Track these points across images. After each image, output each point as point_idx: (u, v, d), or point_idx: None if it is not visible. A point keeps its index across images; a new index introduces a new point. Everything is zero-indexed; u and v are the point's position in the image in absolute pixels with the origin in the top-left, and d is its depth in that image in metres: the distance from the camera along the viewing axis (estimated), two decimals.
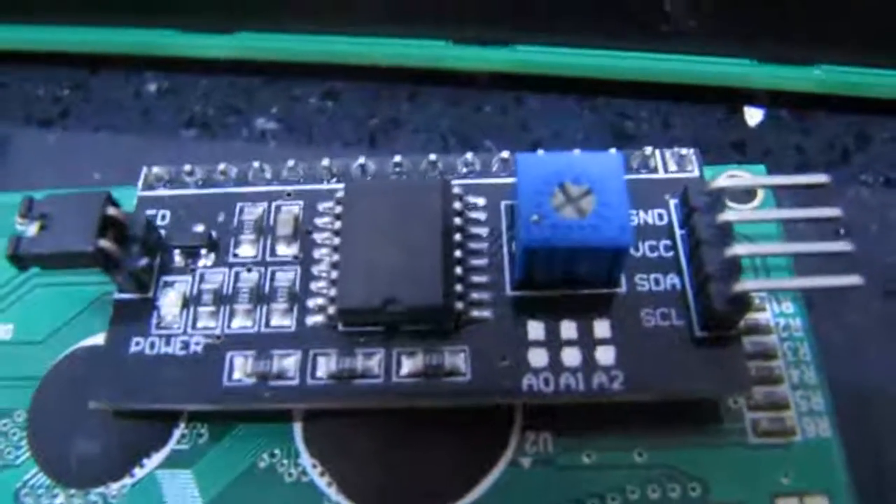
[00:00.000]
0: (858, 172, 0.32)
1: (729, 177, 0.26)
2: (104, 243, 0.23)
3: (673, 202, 0.25)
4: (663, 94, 0.34)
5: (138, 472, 0.23)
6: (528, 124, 0.34)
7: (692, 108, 0.34)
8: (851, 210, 0.30)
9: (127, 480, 0.23)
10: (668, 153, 0.26)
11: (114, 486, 0.23)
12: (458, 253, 0.23)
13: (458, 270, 0.23)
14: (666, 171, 0.26)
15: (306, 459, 0.23)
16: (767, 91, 0.33)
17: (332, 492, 0.23)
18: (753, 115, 0.34)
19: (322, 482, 0.23)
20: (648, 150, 0.26)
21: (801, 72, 0.32)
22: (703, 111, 0.34)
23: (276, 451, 0.23)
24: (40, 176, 0.33)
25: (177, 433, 0.24)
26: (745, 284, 0.22)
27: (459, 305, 0.23)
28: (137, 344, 0.23)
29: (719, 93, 0.33)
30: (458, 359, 0.22)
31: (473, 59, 0.33)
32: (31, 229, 0.23)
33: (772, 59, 0.32)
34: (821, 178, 0.24)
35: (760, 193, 0.27)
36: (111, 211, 0.23)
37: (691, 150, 0.26)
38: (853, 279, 0.22)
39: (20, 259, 0.23)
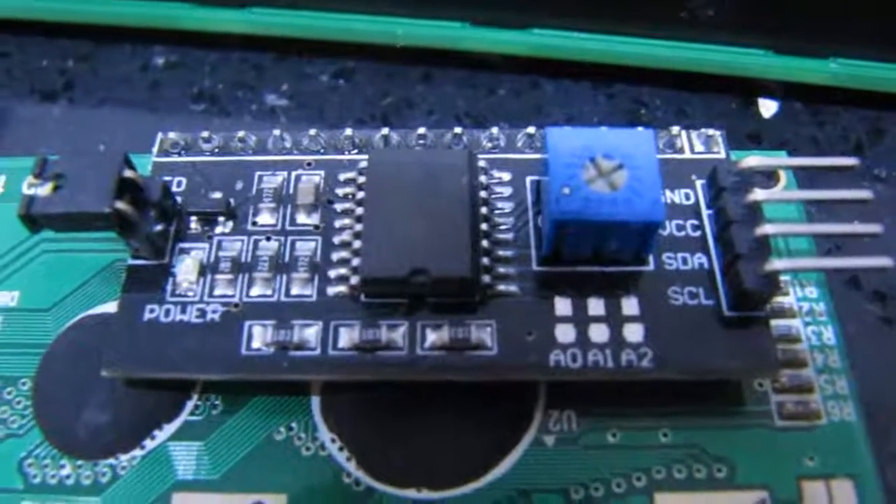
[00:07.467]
0: (872, 166, 0.32)
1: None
2: (121, 205, 0.22)
3: (700, 182, 0.25)
4: (678, 82, 0.34)
5: (149, 444, 0.23)
6: (543, 108, 0.34)
7: (707, 97, 0.34)
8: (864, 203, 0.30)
9: (137, 452, 0.23)
10: (693, 134, 0.26)
11: (123, 458, 0.23)
12: (484, 226, 0.23)
13: (485, 244, 0.23)
14: (692, 151, 0.25)
15: (325, 433, 0.23)
16: (782, 83, 0.33)
17: (351, 466, 0.22)
18: (768, 107, 0.34)
19: (341, 456, 0.22)
20: (675, 129, 0.25)
21: (816, 64, 0.32)
22: (718, 101, 0.34)
23: (294, 425, 0.23)
24: (43, 148, 0.32)
25: (190, 404, 0.23)
26: (776, 264, 0.22)
27: (486, 279, 0.22)
28: (152, 311, 0.23)
29: (734, 83, 0.33)
30: (484, 333, 0.22)
31: (490, 42, 0.33)
32: (45, 189, 0.22)
33: (788, 50, 0.32)
34: (849, 160, 0.24)
35: (783, 179, 0.27)
36: (128, 173, 0.23)
37: (718, 132, 0.25)
38: (883, 261, 0.22)
39: (33, 220, 0.22)
